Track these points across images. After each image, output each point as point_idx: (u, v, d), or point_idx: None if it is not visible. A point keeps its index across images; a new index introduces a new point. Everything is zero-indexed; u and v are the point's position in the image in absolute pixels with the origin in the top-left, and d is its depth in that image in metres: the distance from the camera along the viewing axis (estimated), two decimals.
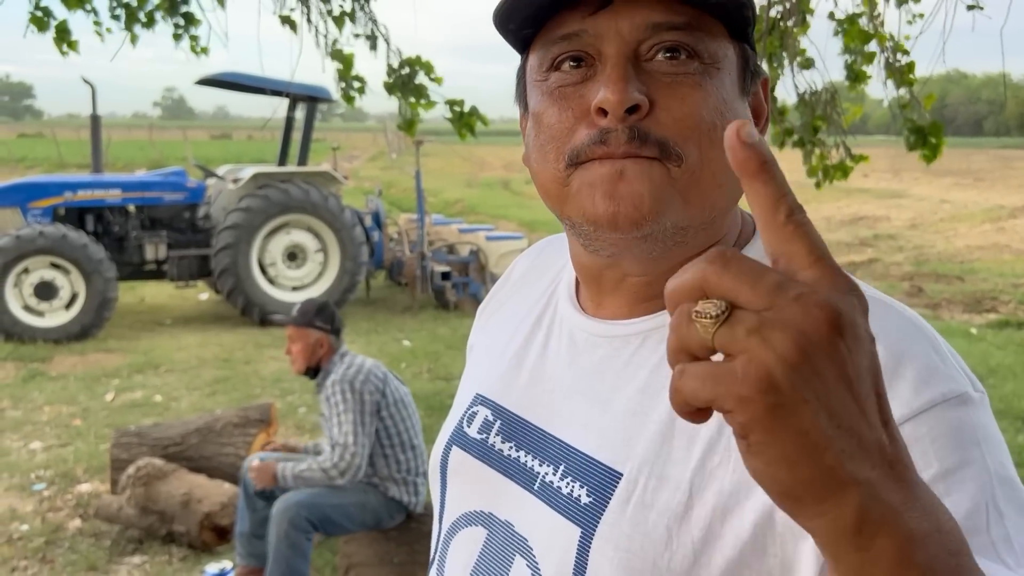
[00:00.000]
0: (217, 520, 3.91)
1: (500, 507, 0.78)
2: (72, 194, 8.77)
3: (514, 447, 0.78)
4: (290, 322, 3.39)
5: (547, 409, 0.78)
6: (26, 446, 5.33)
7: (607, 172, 0.67)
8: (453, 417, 0.87)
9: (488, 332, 0.93)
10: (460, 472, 0.83)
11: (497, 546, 0.77)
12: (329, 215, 9.11)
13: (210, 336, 8.51)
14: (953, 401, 0.63)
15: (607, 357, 0.75)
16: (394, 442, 3.27)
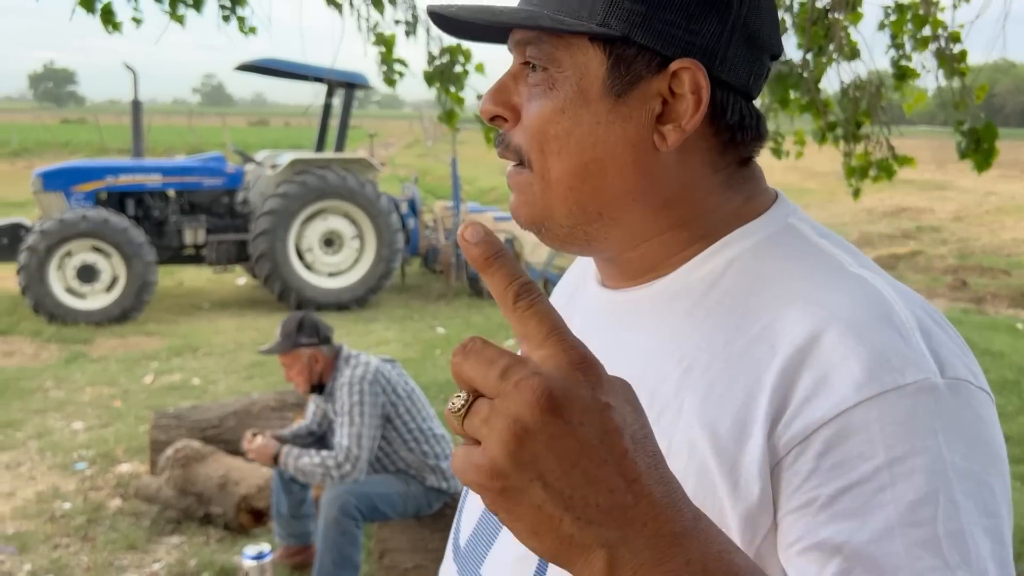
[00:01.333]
0: (253, 502, 3.95)
1: None
2: (114, 178, 8.90)
3: None
4: (277, 350, 3.28)
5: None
6: (68, 426, 5.43)
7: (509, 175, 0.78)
8: None
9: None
10: None
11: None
12: (365, 202, 9.15)
13: (247, 320, 8.60)
14: (910, 388, 0.61)
15: (603, 323, 0.80)
16: (416, 436, 3.24)
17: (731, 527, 0.63)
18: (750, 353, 0.67)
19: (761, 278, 0.71)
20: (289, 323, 3.33)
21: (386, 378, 3.22)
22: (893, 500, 0.58)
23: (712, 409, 0.66)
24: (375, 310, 9.18)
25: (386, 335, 8.04)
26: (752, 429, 0.63)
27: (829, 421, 0.60)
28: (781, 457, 0.62)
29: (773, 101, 3.40)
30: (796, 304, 0.67)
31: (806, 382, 0.62)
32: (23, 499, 4.30)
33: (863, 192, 3.75)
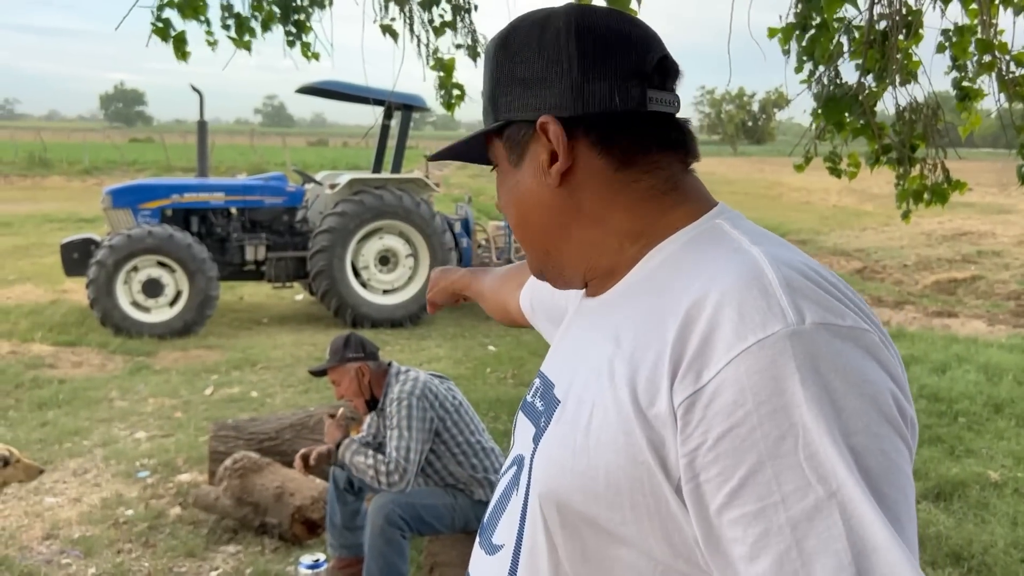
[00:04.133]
0: (308, 514, 4.03)
1: (523, 447, 0.97)
2: (179, 196, 9.18)
3: (543, 400, 0.97)
4: (326, 366, 3.40)
5: (556, 366, 1.00)
6: (132, 435, 5.60)
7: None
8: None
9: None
10: (517, 429, 1.04)
11: (512, 476, 0.98)
12: (421, 221, 9.28)
13: (304, 336, 8.77)
14: (769, 340, 0.71)
15: (581, 322, 0.99)
16: (464, 448, 3.29)
17: (652, 465, 0.76)
18: (662, 321, 0.80)
19: (680, 266, 0.86)
20: (336, 342, 3.46)
21: (434, 393, 3.28)
22: (763, 437, 0.70)
23: (632, 371, 0.80)
24: (428, 327, 9.29)
25: (438, 352, 8.13)
26: (660, 384, 0.77)
27: (712, 379, 0.73)
28: (677, 406, 0.75)
29: (828, 123, 3.40)
30: (697, 280, 0.80)
31: (694, 344, 0.75)
32: (89, 505, 4.46)
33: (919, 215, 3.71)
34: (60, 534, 4.10)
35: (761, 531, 0.69)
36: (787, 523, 0.68)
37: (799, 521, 0.68)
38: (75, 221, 17.40)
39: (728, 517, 0.71)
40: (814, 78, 3.32)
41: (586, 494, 0.80)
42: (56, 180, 28.71)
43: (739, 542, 0.70)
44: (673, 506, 0.76)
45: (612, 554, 0.81)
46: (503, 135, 0.95)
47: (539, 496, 0.85)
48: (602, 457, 0.80)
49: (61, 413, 5.99)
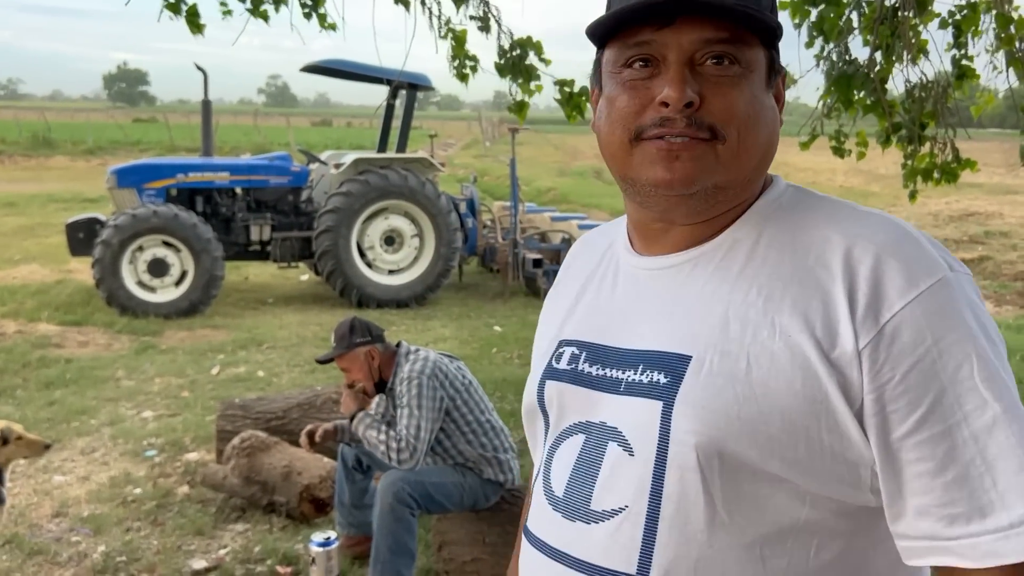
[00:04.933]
0: (316, 492, 4.05)
1: (594, 414, 0.97)
2: (184, 176, 9.16)
3: (600, 367, 0.98)
4: (334, 355, 3.37)
5: (623, 332, 0.99)
6: (139, 414, 5.62)
7: (665, 151, 0.90)
8: (538, 364, 1.09)
9: (553, 304, 1.16)
10: (556, 399, 1.02)
11: (593, 442, 0.96)
12: (426, 201, 9.26)
13: (310, 316, 8.78)
14: (936, 285, 0.84)
15: (666, 281, 0.98)
16: (474, 428, 3.29)
17: (834, 403, 0.84)
18: (814, 277, 0.88)
19: (800, 227, 0.93)
20: (341, 328, 3.42)
21: (444, 372, 3.28)
22: (943, 368, 0.82)
23: (802, 321, 0.86)
24: (433, 308, 9.29)
25: (443, 332, 8.13)
26: (838, 329, 0.85)
27: (889, 321, 0.83)
28: (861, 349, 0.84)
29: (836, 101, 3.37)
30: (837, 237, 0.90)
31: (864, 292, 0.85)
32: (97, 483, 4.48)
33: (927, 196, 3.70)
34: (69, 512, 4.12)
35: (948, 447, 0.82)
36: (970, 437, 0.81)
37: (980, 433, 0.81)
38: (80, 201, 17.39)
39: (914, 440, 0.83)
40: (824, 54, 3.28)
41: (755, 438, 0.85)
42: (60, 160, 28.69)
43: (924, 460, 0.82)
44: (853, 436, 0.85)
45: (765, 492, 0.87)
46: (766, 52, 0.94)
47: (696, 447, 0.87)
48: (776, 402, 0.85)
49: (68, 392, 6.01)
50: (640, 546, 0.89)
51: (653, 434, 0.90)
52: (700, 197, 0.92)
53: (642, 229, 1.02)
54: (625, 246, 1.06)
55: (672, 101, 0.88)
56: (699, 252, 0.97)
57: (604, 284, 1.06)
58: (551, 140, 53.18)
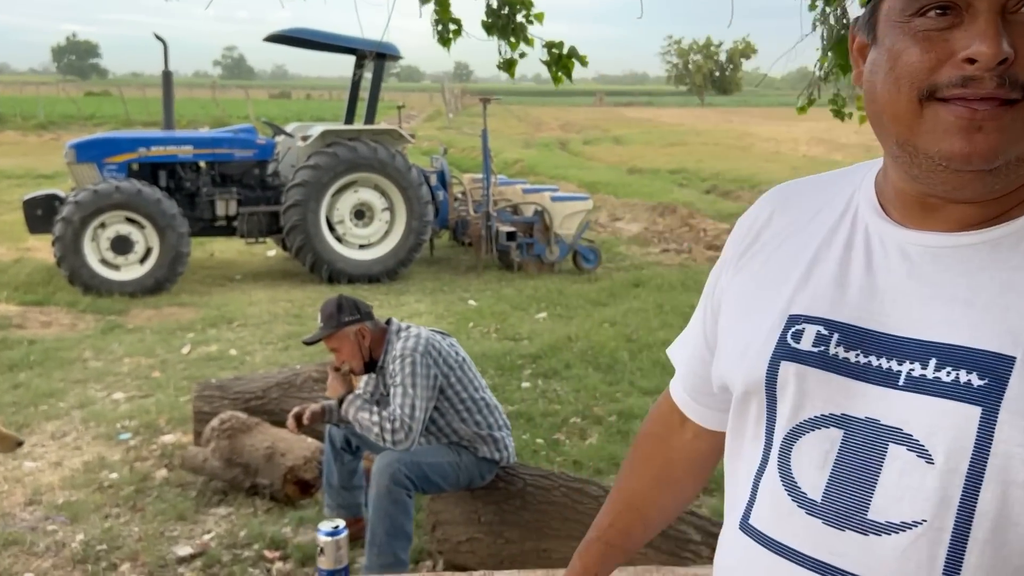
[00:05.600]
0: (301, 474, 3.94)
1: (856, 407, 0.84)
2: (146, 150, 8.89)
3: (861, 354, 0.85)
4: (322, 335, 3.25)
5: (895, 316, 0.85)
6: (109, 396, 5.45)
7: (967, 121, 0.77)
8: (758, 338, 0.93)
9: (759, 270, 0.99)
10: (795, 384, 0.89)
11: (860, 441, 0.84)
12: (396, 173, 9.09)
13: (280, 292, 8.61)
14: None
15: (957, 264, 0.84)
16: (468, 405, 3.21)
17: None
18: None
19: None
20: (328, 307, 3.29)
21: (437, 349, 3.18)
22: None
23: None
24: (406, 282, 9.17)
25: (418, 307, 8.02)
26: None
27: None
28: None
29: (834, 65, 3.31)
30: None
31: None
32: (70, 469, 4.33)
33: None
34: (43, 500, 3.97)
35: None
36: None
37: None
38: (34, 177, 16.89)
39: None
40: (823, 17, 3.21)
41: None
42: (10, 135, 27.82)
43: None
44: None
45: None
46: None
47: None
48: None
49: (34, 375, 5.81)
50: (943, 565, 0.78)
51: (966, 443, 0.78)
52: (1000, 173, 0.79)
53: (908, 199, 0.88)
54: (878, 212, 0.91)
55: (984, 58, 0.75)
56: (1001, 233, 0.83)
57: (853, 255, 0.90)
58: (514, 112, 52.91)
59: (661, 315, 7.41)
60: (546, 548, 3.13)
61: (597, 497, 3.12)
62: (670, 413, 1.21)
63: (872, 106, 0.85)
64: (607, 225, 13.29)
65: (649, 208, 14.17)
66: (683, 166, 20.55)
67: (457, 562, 3.28)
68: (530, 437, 4.67)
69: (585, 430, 4.89)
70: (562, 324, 7.19)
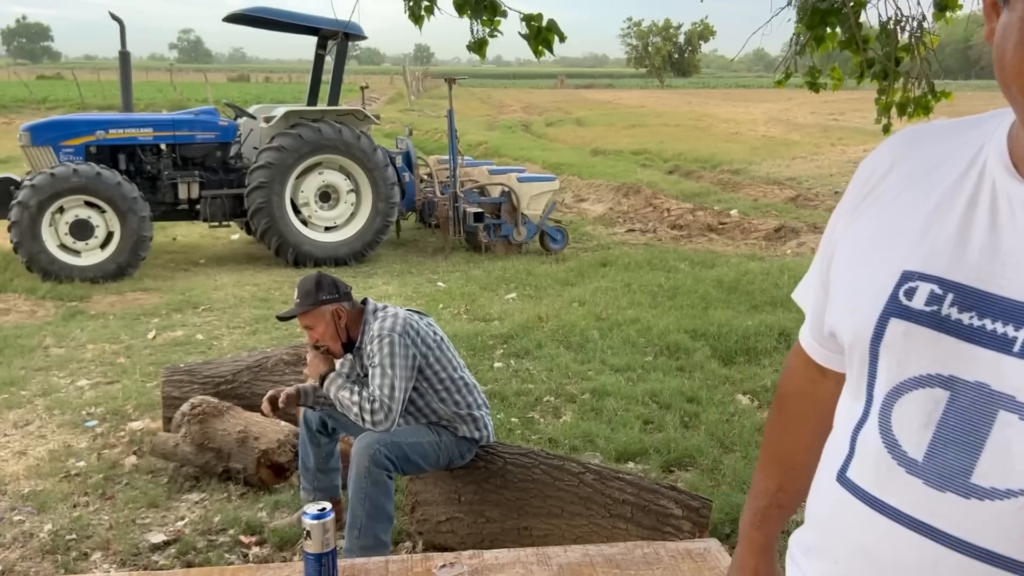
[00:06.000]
0: (274, 458, 3.89)
1: (966, 370, 0.83)
2: (104, 132, 8.67)
3: (976, 316, 0.83)
4: (298, 311, 3.17)
5: (1017, 280, 0.82)
6: (73, 383, 5.33)
7: None
8: (868, 295, 0.91)
9: (875, 221, 0.96)
10: (903, 341, 0.88)
11: (968, 404, 0.82)
12: (361, 154, 8.99)
13: (245, 276, 8.48)
14: None
15: None
16: (447, 385, 3.18)
17: None
18: None
19: None
20: (306, 283, 3.22)
21: (415, 329, 3.14)
22: None
23: None
24: (373, 265, 9.09)
25: (386, 289, 7.95)
26: None
27: None
28: None
29: (810, 37, 3.30)
30: None
31: None
32: (36, 458, 4.22)
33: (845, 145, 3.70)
34: (8, 489, 3.87)
35: None
36: None
37: None
38: None
39: None
40: None
41: None
42: None
43: None
44: None
45: None
46: None
47: None
48: None
49: None
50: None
51: None
52: None
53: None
54: (1008, 169, 0.86)
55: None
56: None
57: (977, 211, 0.87)
58: (476, 94, 52.66)
59: (629, 294, 7.43)
60: (527, 526, 3.12)
61: (577, 474, 3.11)
62: (806, 367, 1.18)
63: (1000, 73, 0.82)
64: (572, 206, 13.29)
65: (613, 189, 14.19)
66: (645, 147, 20.59)
67: (437, 542, 3.26)
68: (504, 416, 4.66)
69: (559, 408, 4.89)
70: (532, 304, 7.17)
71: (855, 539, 0.90)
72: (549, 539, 3.00)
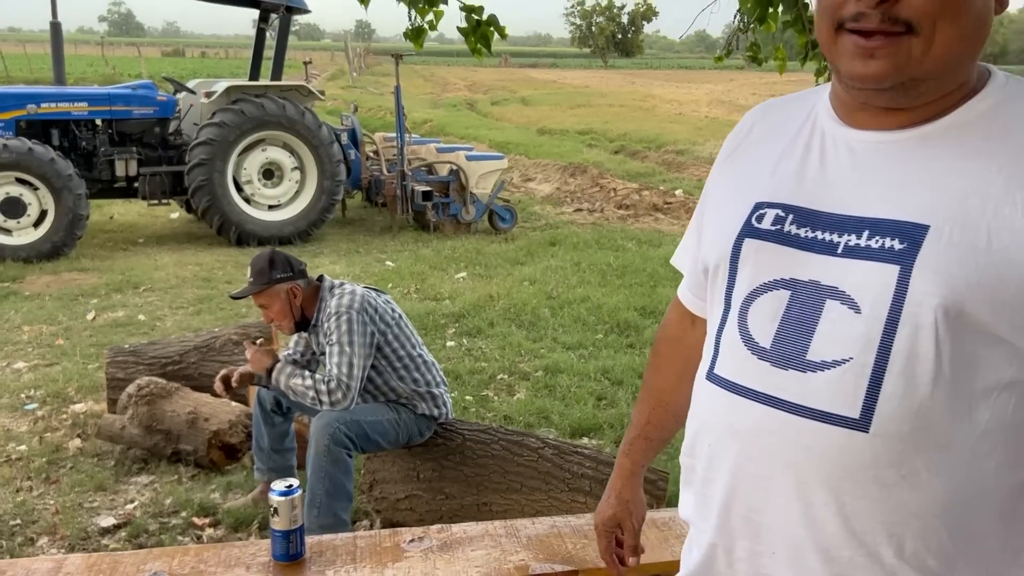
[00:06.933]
0: (225, 438, 3.82)
1: (801, 272, 1.02)
2: (35, 107, 8.35)
3: (809, 229, 1.03)
4: (252, 291, 3.11)
5: (841, 199, 1.02)
6: (9, 366, 5.16)
7: (862, 49, 0.96)
8: (729, 223, 1.12)
9: (737, 169, 1.18)
10: (753, 256, 1.07)
11: (803, 298, 1.02)
12: (306, 131, 8.82)
13: (187, 256, 8.29)
14: None
15: (891, 154, 1.01)
16: (406, 363, 3.15)
17: None
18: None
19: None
20: (259, 261, 3.15)
21: (373, 306, 3.10)
22: None
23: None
24: (319, 244, 8.96)
25: (334, 269, 7.84)
26: None
27: None
28: None
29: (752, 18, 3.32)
30: None
31: None
32: None
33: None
34: None
35: None
36: None
37: None
38: None
39: None
40: None
41: (991, 303, 0.92)
42: None
43: None
44: None
45: (984, 352, 0.94)
46: None
47: (938, 308, 0.93)
48: (1015, 272, 0.92)
49: None
50: (864, 394, 0.96)
51: (886, 295, 0.95)
52: (899, 90, 0.98)
53: (852, 106, 1.05)
54: (831, 116, 1.07)
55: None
56: (929, 129, 1.00)
57: (810, 152, 1.08)
58: (419, 72, 52.13)
59: (579, 272, 7.46)
60: (486, 502, 3.12)
61: (536, 449, 3.12)
62: (681, 317, 1.37)
63: (815, 34, 1.05)
64: (520, 185, 13.27)
65: (560, 168, 14.20)
66: (591, 127, 20.66)
67: (395, 520, 3.24)
68: (459, 395, 4.64)
69: (512, 386, 4.90)
70: (483, 283, 7.15)
71: (722, 421, 1.07)
72: (509, 514, 3.00)
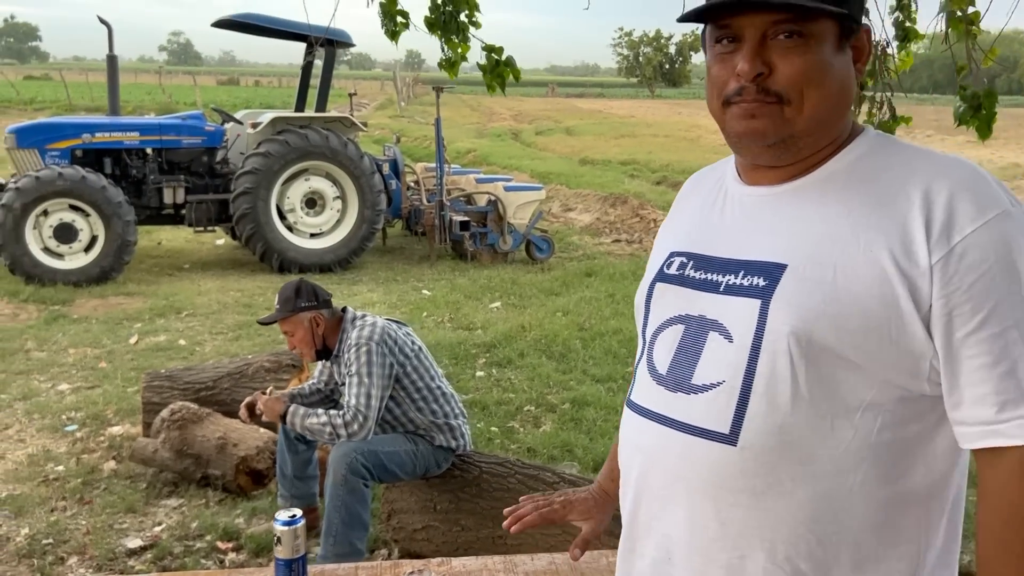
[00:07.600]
0: (253, 464, 3.91)
1: (694, 308, 1.18)
2: (90, 136, 8.67)
3: (703, 272, 1.20)
4: (277, 317, 3.23)
5: (729, 246, 1.19)
6: (54, 387, 5.33)
7: (744, 111, 1.12)
8: (651, 271, 1.31)
9: (671, 224, 1.38)
10: (662, 297, 1.25)
11: (693, 331, 1.18)
12: (348, 161, 9.01)
13: (229, 282, 8.49)
14: (1000, 215, 1.04)
15: (771, 206, 1.18)
16: (424, 395, 3.21)
17: (904, 307, 1.04)
18: (896, 204, 1.08)
19: (886, 164, 1.13)
20: (286, 290, 3.27)
21: (393, 338, 3.17)
22: (1002, 283, 1.02)
23: (884, 239, 1.06)
24: (358, 272, 9.10)
25: (371, 297, 7.97)
26: (915, 248, 1.04)
27: (959, 242, 1.03)
28: (933, 264, 1.03)
29: None
30: (918, 174, 1.09)
31: (940, 218, 1.04)
32: (14, 462, 4.23)
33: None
34: None
35: (1002, 345, 1.02)
36: (1020, 338, 1.02)
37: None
38: None
39: (974, 339, 1.02)
40: None
41: (837, 331, 1.06)
42: None
43: (982, 355, 1.02)
44: (917, 335, 1.05)
45: (840, 376, 1.07)
46: (841, 20, 1.11)
47: (790, 335, 1.07)
48: (856, 303, 1.05)
49: None
50: (734, 412, 1.10)
51: (751, 325, 1.10)
52: (779, 147, 1.14)
53: (746, 166, 1.22)
54: (734, 178, 1.24)
55: (743, 73, 1.10)
56: (802, 182, 1.16)
57: (715, 208, 1.25)
58: (467, 101, 52.70)
59: (613, 304, 7.47)
60: (502, 535, 3.14)
61: (552, 484, 3.14)
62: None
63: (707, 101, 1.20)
64: (559, 215, 13.34)
65: (601, 199, 14.24)
66: (634, 157, 20.68)
67: (412, 550, 3.28)
68: (484, 425, 4.69)
69: (539, 418, 4.92)
70: (516, 313, 7.21)
71: (632, 440, 1.24)
72: (523, 548, 3.02)
